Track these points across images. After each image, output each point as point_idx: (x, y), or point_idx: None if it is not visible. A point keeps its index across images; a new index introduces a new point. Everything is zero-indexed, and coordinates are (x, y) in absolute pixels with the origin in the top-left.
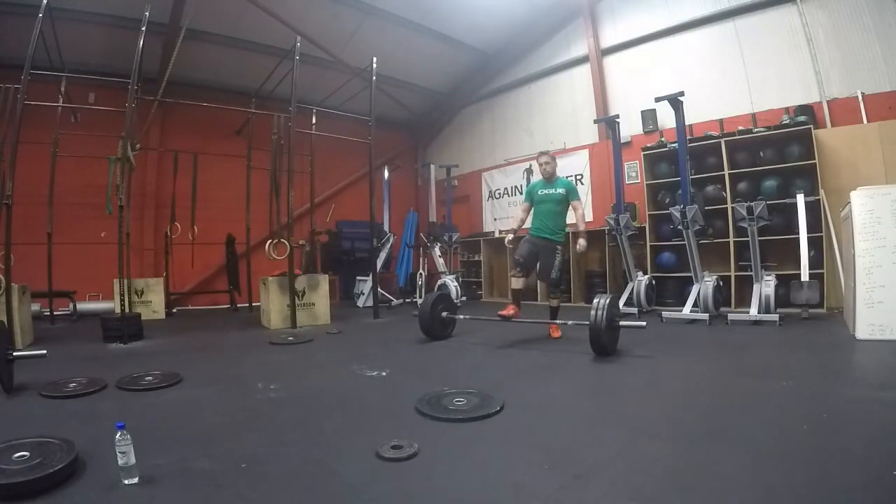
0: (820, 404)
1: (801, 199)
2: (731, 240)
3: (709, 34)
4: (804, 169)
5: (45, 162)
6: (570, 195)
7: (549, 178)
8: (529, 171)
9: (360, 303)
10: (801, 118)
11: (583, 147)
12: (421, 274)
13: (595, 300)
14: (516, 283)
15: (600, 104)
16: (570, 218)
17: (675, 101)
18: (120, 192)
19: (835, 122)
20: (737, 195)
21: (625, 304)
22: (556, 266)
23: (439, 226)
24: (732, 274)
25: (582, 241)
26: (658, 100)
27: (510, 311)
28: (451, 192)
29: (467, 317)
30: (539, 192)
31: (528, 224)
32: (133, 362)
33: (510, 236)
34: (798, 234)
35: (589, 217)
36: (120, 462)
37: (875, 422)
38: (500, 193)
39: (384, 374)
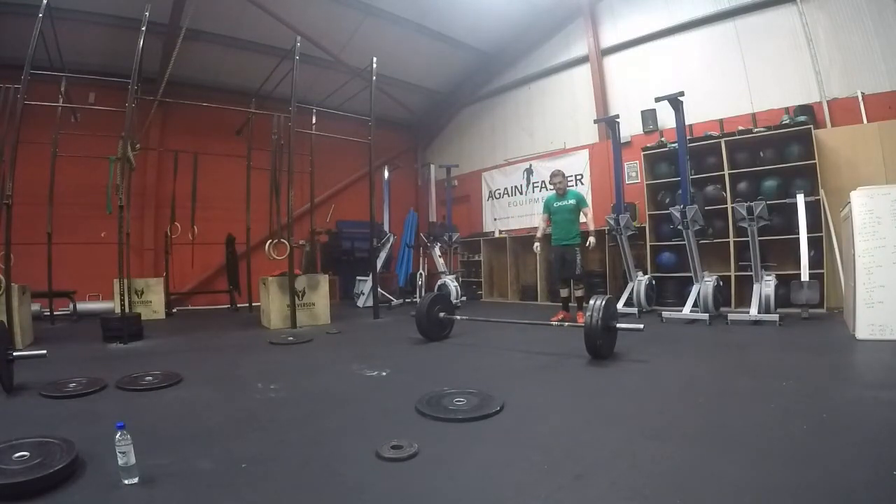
0: (820, 404)
1: (801, 199)
2: (731, 240)
3: (709, 34)
4: (804, 169)
5: (45, 162)
6: (581, 203)
7: (562, 193)
8: (529, 171)
9: (360, 303)
10: (801, 118)
11: (583, 147)
12: (421, 274)
13: (591, 302)
14: (563, 292)
15: (600, 104)
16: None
17: (675, 101)
18: (120, 192)
19: (835, 122)
20: (737, 195)
21: (625, 305)
22: (577, 263)
23: (439, 226)
24: (732, 274)
25: (591, 239)
26: (658, 100)
27: (560, 315)
28: (451, 192)
29: (465, 318)
30: (554, 205)
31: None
32: (133, 362)
33: (537, 243)
34: (798, 234)
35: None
36: (120, 462)
37: (875, 422)
38: (500, 193)
39: (384, 374)
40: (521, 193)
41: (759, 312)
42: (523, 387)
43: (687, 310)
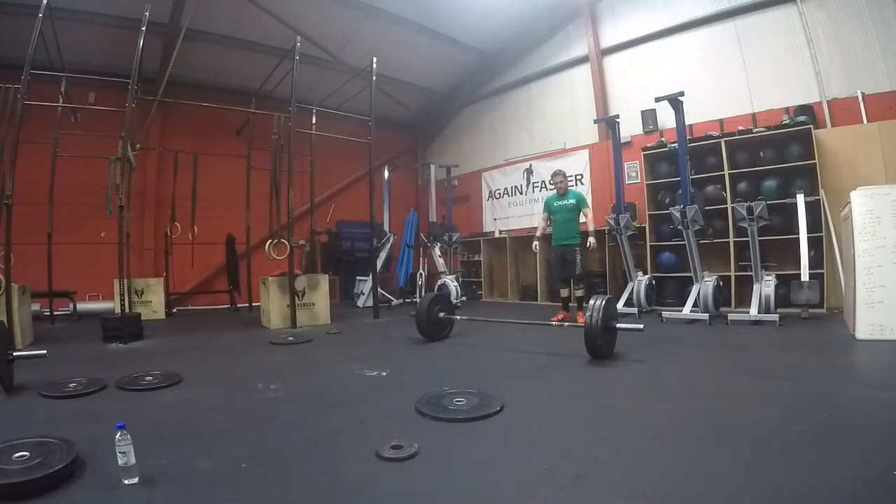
0: (820, 404)
1: (801, 199)
2: (731, 240)
3: (709, 34)
4: (804, 169)
5: (45, 162)
6: (581, 203)
7: (562, 192)
8: (529, 171)
9: (360, 303)
10: (801, 118)
11: (583, 147)
12: (421, 274)
13: (591, 302)
14: (564, 292)
15: (600, 104)
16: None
17: (675, 101)
18: (120, 192)
19: (835, 122)
20: (737, 195)
21: (625, 305)
22: (577, 263)
23: (439, 226)
24: (732, 274)
25: (592, 240)
26: (658, 100)
27: (560, 315)
28: (451, 192)
29: (465, 318)
30: (555, 204)
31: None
32: (133, 362)
33: (536, 243)
34: (798, 234)
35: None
36: (120, 462)
37: (875, 422)
38: (500, 193)
39: (384, 374)
40: (521, 193)
41: (759, 312)
42: (523, 387)
43: (687, 310)
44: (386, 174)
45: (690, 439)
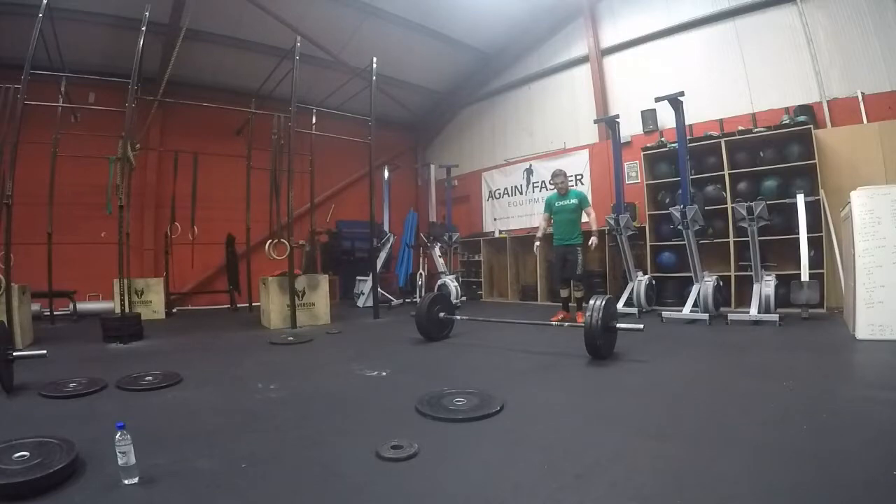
0: (820, 404)
1: (801, 199)
2: (731, 240)
3: (709, 34)
4: (804, 169)
5: (45, 162)
6: (582, 203)
7: (564, 192)
8: (529, 171)
9: (360, 303)
10: (801, 118)
11: (583, 147)
12: (421, 274)
13: (591, 301)
14: (563, 293)
15: (600, 104)
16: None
17: (675, 101)
18: (120, 192)
19: (835, 122)
20: (737, 195)
21: (625, 305)
22: (579, 263)
23: (439, 226)
24: (732, 274)
25: (594, 238)
26: (658, 100)
27: (560, 315)
28: (451, 192)
29: (465, 318)
30: (556, 205)
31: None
32: (133, 362)
33: (537, 244)
34: (798, 234)
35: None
36: (120, 462)
37: (875, 422)
38: (500, 193)
39: (384, 374)
40: (521, 193)
41: (759, 312)
42: (523, 387)
43: (687, 310)
44: (386, 174)
45: (691, 439)
